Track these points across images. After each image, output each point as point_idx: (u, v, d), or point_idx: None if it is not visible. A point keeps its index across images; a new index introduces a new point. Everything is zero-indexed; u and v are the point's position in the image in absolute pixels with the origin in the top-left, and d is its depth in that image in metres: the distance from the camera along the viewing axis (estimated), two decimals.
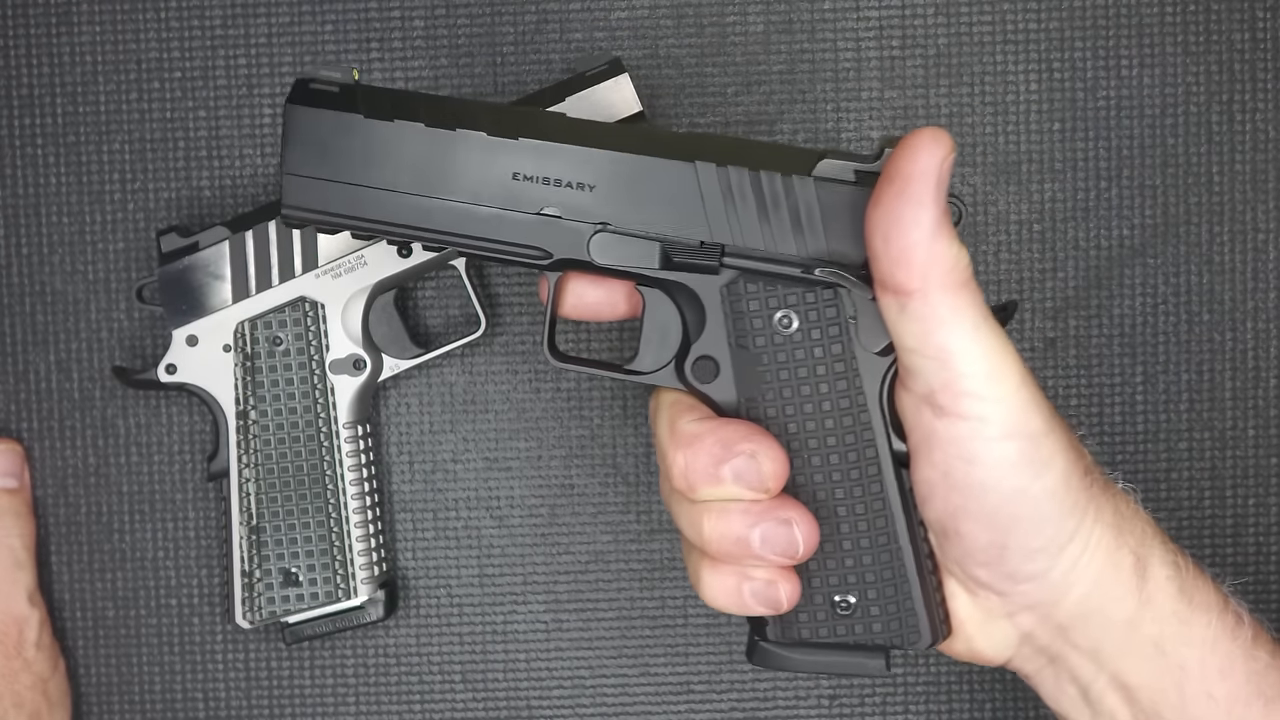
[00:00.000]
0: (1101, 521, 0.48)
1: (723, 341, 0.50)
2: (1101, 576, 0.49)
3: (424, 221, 0.50)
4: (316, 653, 0.66)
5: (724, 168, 0.49)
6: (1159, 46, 0.64)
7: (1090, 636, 0.49)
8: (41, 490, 0.66)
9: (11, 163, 0.65)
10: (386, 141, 0.50)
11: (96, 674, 0.66)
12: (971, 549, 0.49)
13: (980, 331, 0.46)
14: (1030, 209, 0.65)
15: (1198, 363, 0.65)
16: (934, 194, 0.44)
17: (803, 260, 0.49)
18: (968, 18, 0.64)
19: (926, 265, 0.45)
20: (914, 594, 0.50)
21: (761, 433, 0.49)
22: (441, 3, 0.65)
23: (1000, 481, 0.47)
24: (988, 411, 0.46)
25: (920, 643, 0.50)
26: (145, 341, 0.66)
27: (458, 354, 0.66)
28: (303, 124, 0.50)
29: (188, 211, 0.65)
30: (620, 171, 0.49)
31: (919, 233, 0.44)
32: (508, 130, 0.49)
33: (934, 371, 0.46)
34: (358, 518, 0.62)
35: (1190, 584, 0.49)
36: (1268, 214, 0.65)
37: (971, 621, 0.51)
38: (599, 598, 0.66)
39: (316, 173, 0.50)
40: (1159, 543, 0.50)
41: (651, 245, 0.49)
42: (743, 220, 0.49)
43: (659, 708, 0.66)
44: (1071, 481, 0.47)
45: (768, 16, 0.64)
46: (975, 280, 0.46)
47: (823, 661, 0.51)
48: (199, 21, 0.65)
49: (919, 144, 0.44)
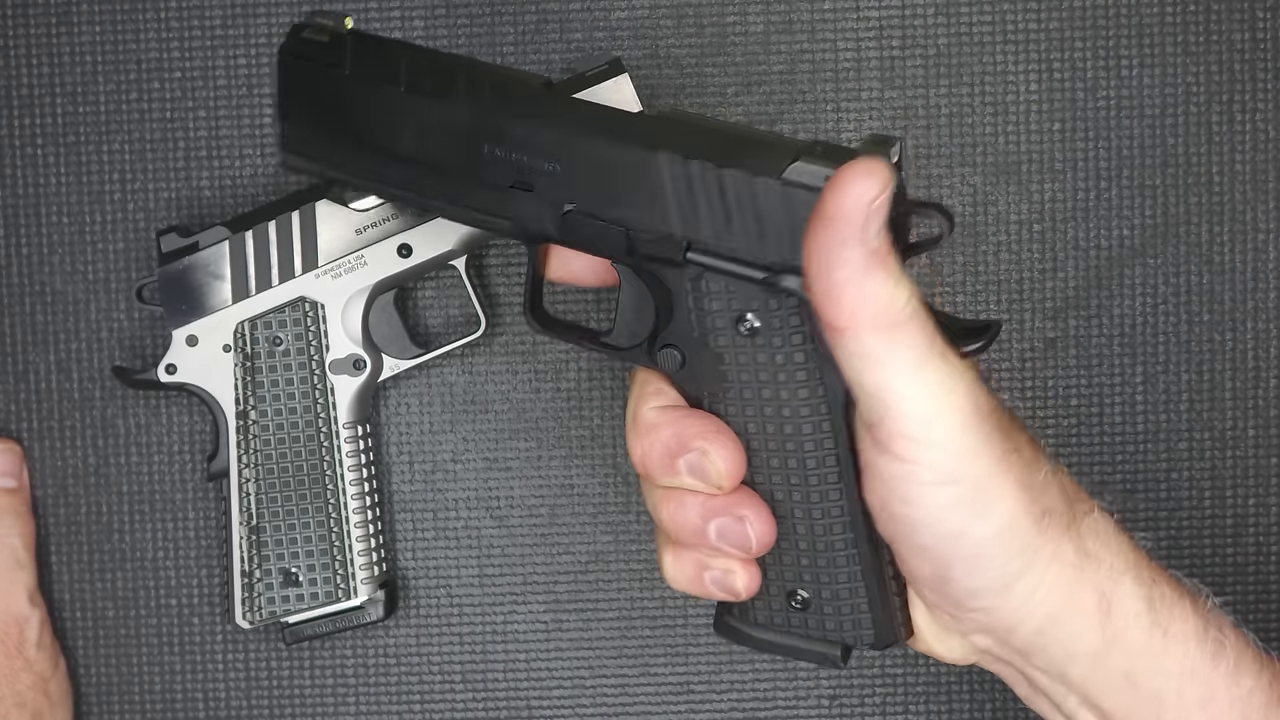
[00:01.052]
0: (1059, 561, 0.46)
1: (688, 334, 0.49)
2: (1059, 614, 0.47)
3: (405, 184, 0.51)
4: (316, 653, 0.66)
5: (689, 162, 0.47)
6: (1159, 46, 0.64)
7: (1053, 662, 0.48)
8: (41, 490, 0.66)
9: (11, 163, 0.65)
10: (369, 98, 0.50)
11: (96, 674, 0.66)
12: (915, 575, 0.48)
13: (923, 371, 0.43)
14: (1030, 209, 0.65)
15: (1198, 363, 0.65)
16: (860, 234, 0.42)
17: (765, 264, 0.47)
18: (968, 18, 0.64)
19: (855, 305, 0.42)
20: (869, 596, 0.49)
21: (718, 429, 0.48)
22: (441, 3, 0.65)
23: (934, 524, 0.45)
24: (922, 456, 0.44)
25: (873, 643, 0.50)
26: (145, 341, 0.66)
27: (458, 354, 0.66)
28: (291, 75, 0.51)
29: (188, 211, 0.65)
30: (587, 156, 0.48)
31: (846, 271, 0.42)
32: (483, 103, 0.49)
33: (871, 409, 0.44)
34: (358, 518, 0.62)
35: (1165, 615, 0.47)
36: (1268, 214, 0.65)
37: (929, 631, 0.50)
38: (599, 598, 0.66)
39: (305, 122, 0.51)
40: (1130, 578, 0.47)
41: (617, 231, 0.48)
42: (706, 218, 0.47)
43: (659, 708, 0.66)
44: (1018, 525, 0.45)
45: (768, 16, 0.64)
46: (921, 314, 0.43)
47: (780, 644, 0.51)
48: (199, 21, 0.65)
49: (848, 181, 0.42)
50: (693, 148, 0.47)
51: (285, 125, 0.51)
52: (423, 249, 0.61)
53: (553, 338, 0.53)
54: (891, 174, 0.42)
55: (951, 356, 0.44)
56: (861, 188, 0.41)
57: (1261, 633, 0.65)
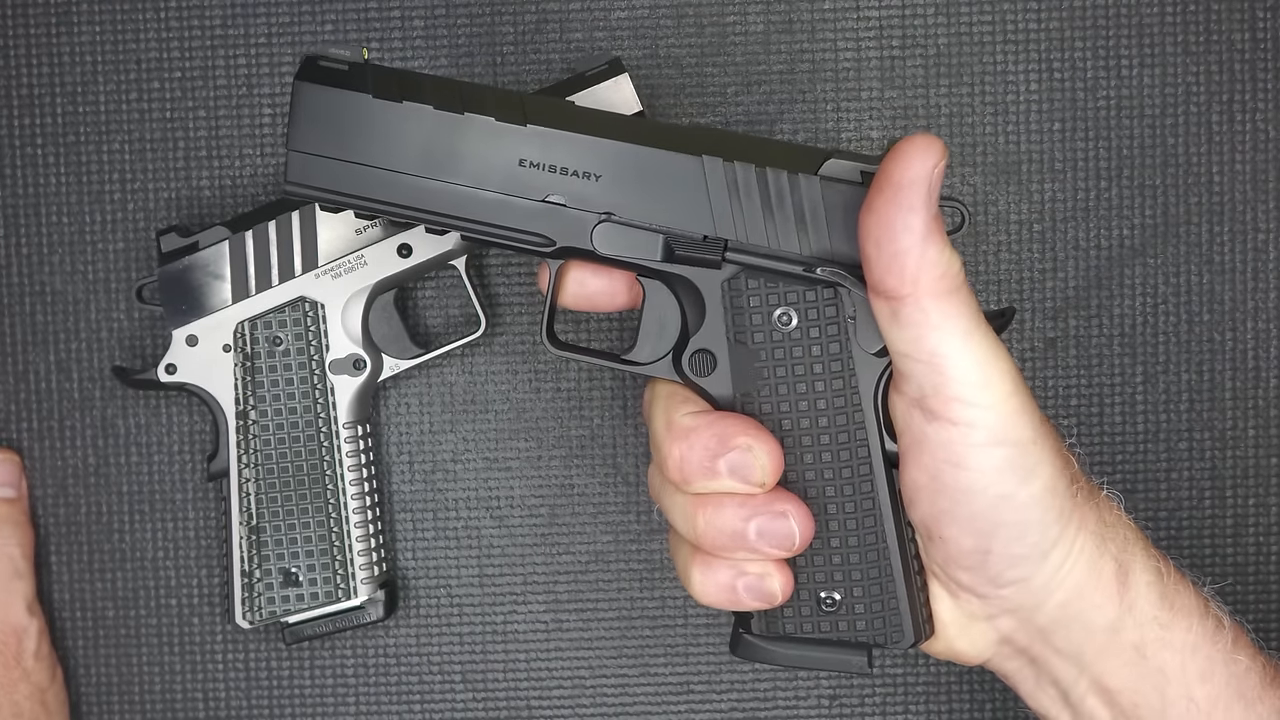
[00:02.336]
0: (1085, 529, 0.49)
1: (721, 336, 0.50)
2: (1083, 583, 0.49)
3: (428, 203, 0.50)
4: (316, 653, 0.66)
5: (730, 163, 0.49)
6: (1159, 46, 0.64)
7: (1071, 640, 0.50)
8: (41, 491, 0.66)
9: (11, 163, 0.65)
10: (393, 122, 0.50)
11: (96, 675, 0.66)
12: (955, 553, 0.49)
13: (972, 338, 0.46)
14: (1030, 209, 0.65)
15: (1198, 363, 0.65)
16: (924, 200, 0.45)
17: (805, 259, 0.49)
18: (968, 18, 0.64)
19: (917, 271, 0.45)
20: (899, 593, 0.50)
21: (757, 427, 0.49)
22: (441, 3, 0.65)
23: (986, 487, 0.47)
24: (976, 418, 0.46)
25: (903, 642, 0.51)
26: (145, 341, 0.66)
27: (458, 354, 0.66)
28: (310, 101, 0.50)
29: (188, 211, 0.65)
30: (627, 162, 0.49)
31: (909, 239, 0.45)
32: (516, 116, 0.50)
33: (925, 376, 0.47)
34: (358, 518, 0.62)
35: (1171, 590, 0.50)
36: (1268, 214, 0.65)
37: (953, 623, 0.51)
38: (599, 598, 0.66)
39: (321, 150, 0.50)
40: (1141, 549, 0.50)
41: (655, 237, 0.50)
42: (747, 216, 0.49)
43: (659, 708, 0.66)
44: (1057, 489, 0.48)
45: (768, 16, 0.64)
46: (969, 286, 0.46)
47: (805, 656, 0.52)
48: (199, 21, 0.65)
49: (910, 151, 0.45)
50: (732, 151, 0.49)
51: (295, 154, 0.50)
52: (423, 249, 0.61)
53: (572, 358, 0.54)
54: (946, 146, 0.45)
55: (990, 329, 0.47)
56: (924, 155, 0.44)
57: (1261, 633, 0.66)
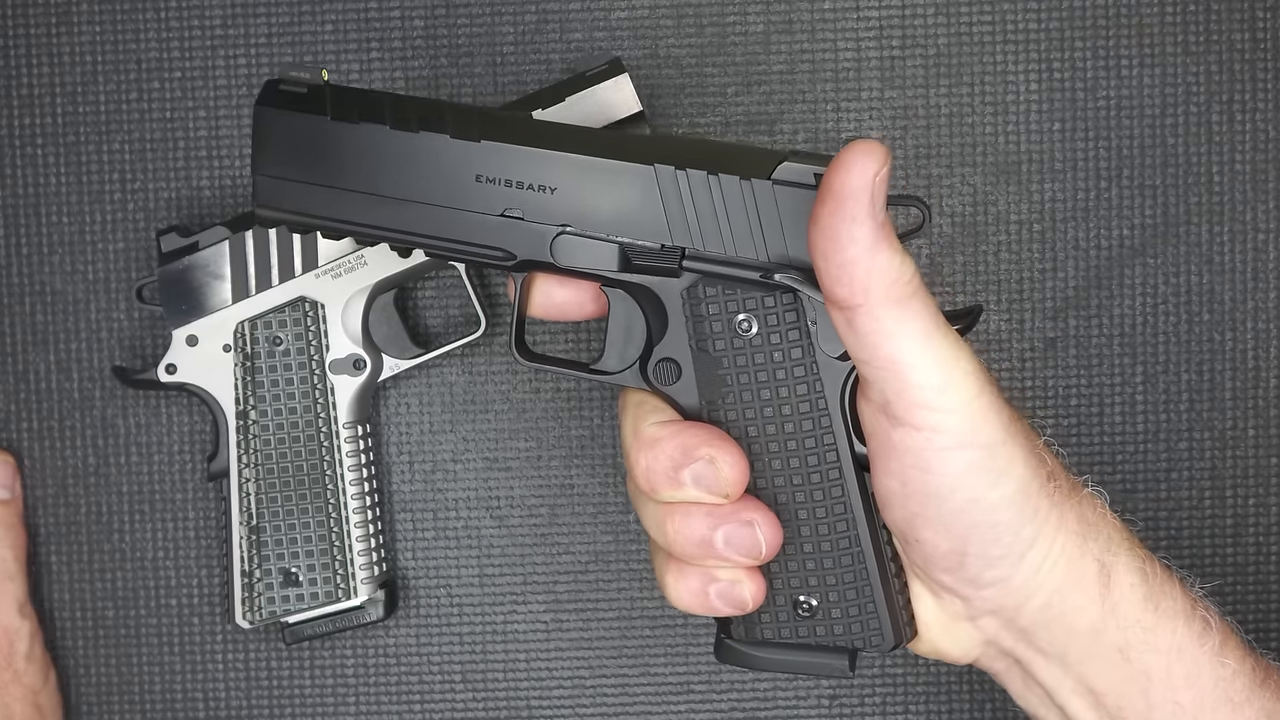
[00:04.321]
0: (1065, 529, 0.48)
1: (684, 344, 0.50)
2: (1064, 584, 0.48)
3: (390, 222, 0.50)
4: (316, 653, 0.66)
5: (682, 170, 0.49)
6: (1159, 46, 0.64)
7: (1055, 642, 0.49)
8: (41, 491, 0.66)
9: (11, 163, 0.65)
10: (352, 143, 0.50)
11: (96, 674, 0.66)
12: (932, 555, 0.49)
13: (931, 341, 0.46)
14: (1030, 209, 0.65)
15: (1198, 363, 0.65)
16: (868, 209, 0.44)
17: (762, 264, 0.49)
18: (968, 18, 0.64)
19: (867, 280, 0.45)
20: (876, 596, 0.50)
21: (722, 437, 0.49)
22: (441, 3, 0.65)
23: (955, 490, 0.47)
24: (940, 422, 0.46)
25: (883, 644, 0.50)
26: (145, 341, 0.66)
27: (458, 354, 0.66)
28: (270, 125, 0.51)
29: (188, 211, 0.65)
30: (580, 174, 0.49)
31: (855, 249, 0.44)
32: (471, 133, 0.50)
33: (886, 383, 0.46)
34: (358, 518, 0.62)
35: (1157, 591, 0.49)
36: (1268, 214, 0.65)
37: (936, 624, 0.51)
38: (599, 598, 0.66)
39: (285, 173, 0.51)
40: (1125, 549, 0.49)
41: (611, 247, 0.50)
42: (702, 223, 0.49)
43: (659, 708, 0.66)
44: (1030, 489, 0.47)
45: (768, 16, 0.64)
46: (924, 290, 0.46)
47: (787, 660, 0.52)
48: (199, 21, 0.65)
49: (850, 160, 0.44)
50: (684, 159, 0.49)
51: (260, 179, 0.51)
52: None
53: (541, 370, 0.54)
54: (888, 151, 0.44)
55: (951, 330, 0.46)
56: (865, 163, 0.44)
57: (1262, 632, 0.66)
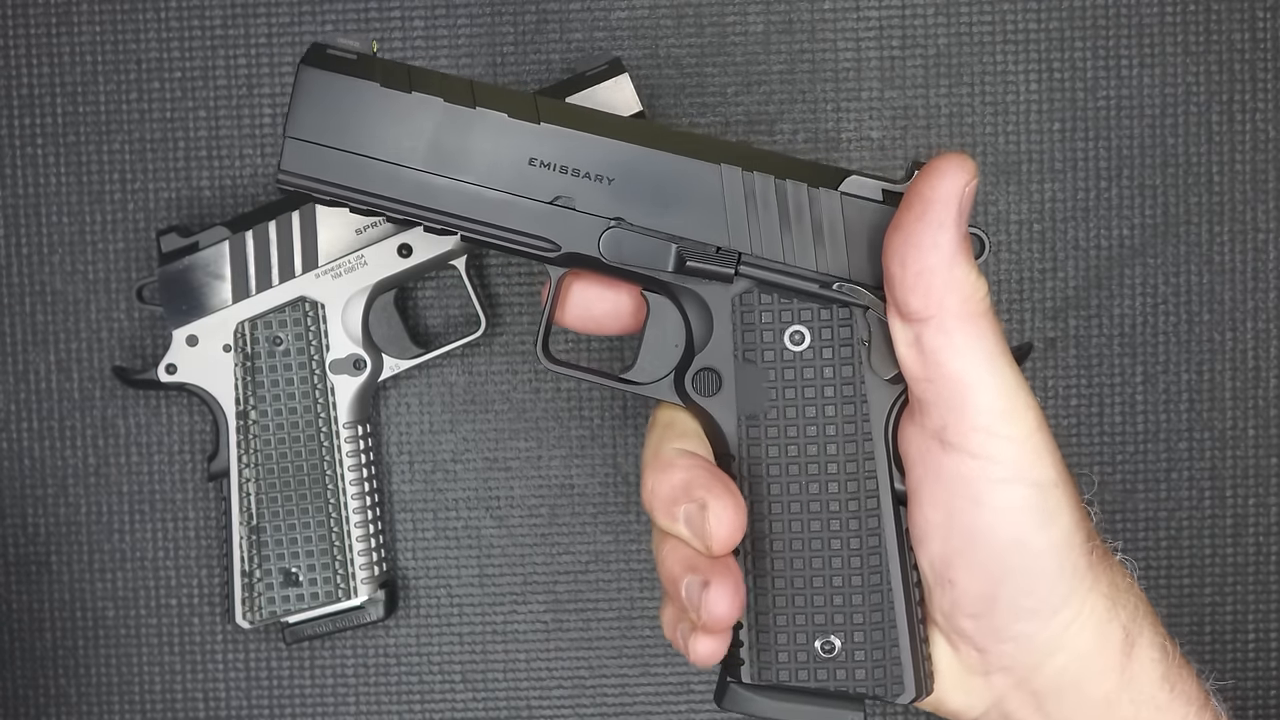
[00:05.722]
0: (1097, 590, 0.47)
1: (728, 354, 0.48)
2: (1088, 648, 0.47)
3: (430, 201, 0.48)
4: (316, 653, 0.66)
5: (750, 173, 0.47)
6: (1159, 46, 0.64)
7: (1064, 709, 0.48)
8: (41, 491, 0.66)
9: (11, 163, 0.65)
10: (400, 114, 0.47)
11: (96, 674, 0.66)
12: (961, 599, 0.47)
13: (996, 364, 0.44)
14: (1030, 209, 0.65)
15: (1198, 363, 0.65)
16: (955, 219, 0.43)
17: (821, 276, 0.47)
18: (968, 18, 0.64)
19: (944, 291, 0.44)
20: (901, 642, 0.48)
21: (727, 489, 0.46)
22: (441, 3, 0.65)
23: (1003, 528, 0.45)
24: (998, 451, 0.44)
25: (903, 695, 0.48)
26: (145, 341, 0.66)
27: (458, 354, 0.66)
28: (313, 86, 0.47)
29: (188, 211, 0.65)
30: (642, 167, 0.47)
31: (937, 257, 0.43)
32: (529, 114, 0.47)
33: (946, 403, 0.45)
34: (358, 518, 0.62)
35: (1174, 672, 0.48)
36: (1268, 214, 0.65)
37: (949, 675, 0.49)
38: (599, 598, 0.66)
39: (321, 139, 0.47)
40: (1150, 623, 0.48)
41: (666, 246, 0.48)
42: (764, 229, 0.47)
43: (659, 708, 0.66)
44: (1074, 543, 0.46)
45: (768, 16, 0.64)
46: (995, 313, 0.45)
47: (795, 710, 0.49)
48: (199, 21, 0.65)
49: (943, 169, 0.44)
50: (751, 162, 0.48)
51: (292, 141, 0.47)
52: (423, 249, 0.61)
53: (567, 374, 0.51)
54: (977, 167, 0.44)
55: (1014, 360, 0.45)
56: (957, 173, 0.44)
57: (1262, 634, 0.66)
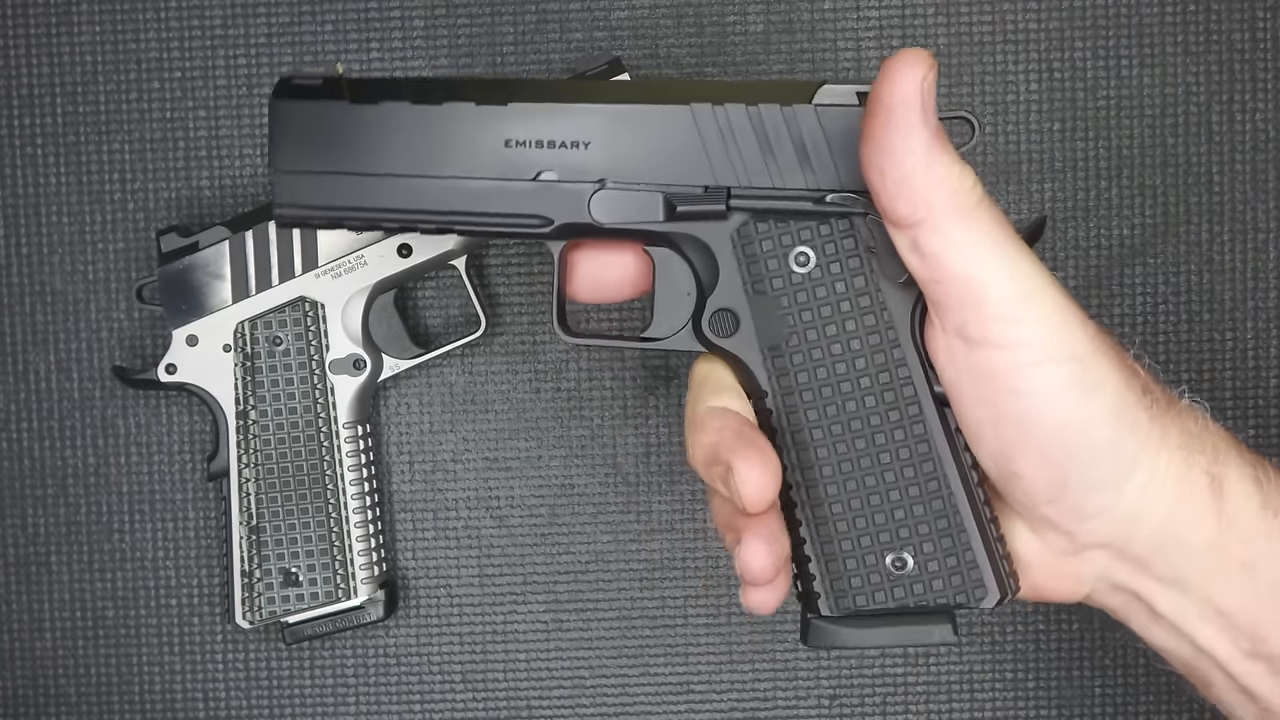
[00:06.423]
0: (1167, 444, 0.45)
1: (739, 290, 0.48)
2: (1175, 503, 0.45)
3: (421, 203, 0.49)
4: (316, 653, 0.66)
5: (720, 106, 0.47)
6: (1159, 46, 0.64)
7: (1172, 566, 0.46)
8: (41, 491, 0.66)
9: (11, 163, 0.65)
10: (374, 125, 0.49)
11: (96, 674, 0.66)
12: (1032, 488, 0.45)
13: (1004, 251, 0.43)
14: (1030, 209, 0.65)
15: (1198, 363, 0.65)
16: (920, 117, 0.42)
17: (813, 192, 0.47)
18: (968, 18, 0.64)
19: (928, 191, 0.42)
20: (974, 545, 0.47)
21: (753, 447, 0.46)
22: (441, 3, 0.65)
23: (1049, 411, 0.44)
24: (1024, 335, 0.43)
25: (988, 599, 0.47)
26: (145, 341, 0.66)
27: (458, 354, 0.66)
28: (288, 117, 0.49)
29: (188, 211, 0.65)
30: (614, 124, 0.48)
31: (912, 159, 0.42)
32: (496, 97, 0.48)
33: (960, 301, 0.43)
34: (358, 518, 0.62)
35: (1275, 496, 0.46)
36: (1268, 214, 0.65)
37: (1040, 564, 0.47)
38: (599, 598, 0.66)
39: (307, 166, 0.49)
40: (1234, 458, 0.46)
41: (654, 196, 0.48)
42: (746, 158, 0.47)
43: (659, 708, 0.66)
44: (1126, 403, 0.44)
45: (768, 16, 0.64)
46: (990, 198, 0.43)
47: (883, 634, 0.48)
48: (199, 21, 0.65)
49: (896, 68, 0.42)
50: (720, 96, 0.48)
51: (279, 176, 0.49)
52: (423, 249, 0.61)
53: (588, 344, 0.52)
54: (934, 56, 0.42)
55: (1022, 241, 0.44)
56: (911, 70, 0.42)
57: None
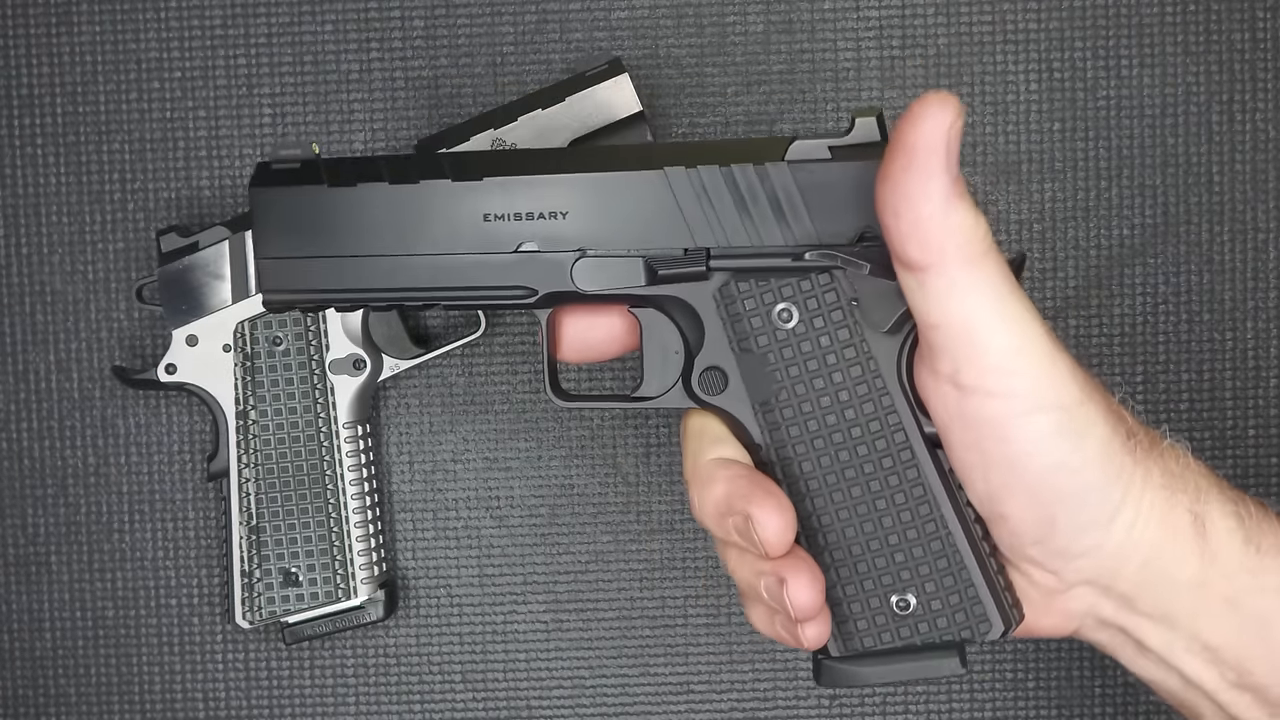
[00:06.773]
0: (1151, 484, 0.46)
1: (725, 348, 0.49)
2: (1159, 541, 0.46)
3: (404, 281, 0.50)
4: (316, 653, 0.66)
5: (693, 169, 0.48)
6: (1159, 46, 0.64)
7: (1158, 602, 0.47)
8: (41, 491, 0.66)
9: (11, 163, 0.65)
10: (353, 207, 0.49)
11: (96, 674, 0.66)
12: (1019, 529, 0.46)
13: (1005, 303, 0.44)
14: (1030, 209, 0.65)
15: (1198, 363, 0.65)
16: (943, 163, 0.42)
17: (791, 248, 0.47)
18: (968, 18, 0.64)
19: (942, 238, 0.43)
20: (975, 580, 0.48)
21: (766, 492, 0.47)
22: (441, 3, 0.65)
23: (1036, 456, 0.45)
24: (1015, 385, 0.44)
25: (992, 632, 0.48)
26: (145, 341, 0.66)
27: (458, 354, 0.66)
28: (268, 205, 0.50)
29: (188, 211, 0.65)
30: (590, 193, 0.48)
31: (930, 206, 0.42)
32: (471, 173, 0.49)
33: (957, 347, 0.44)
34: (358, 518, 0.62)
35: (1256, 531, 0.47)
36: (1268, 214, 0.65)
37: (1029, 602, 0.49)
38: (599, 598, 0.66)
39: (290, 251, 0.50)
40: (1215, 495, 0.47)
41: (635, 262, 0.48)
42: (723, 219, 0.48)
43: (659, 708, 0.66)
44: (1113, 448, 0.45)
45: (768, 16, 0.64)
46: (997, 249, 0.44)
47: (895, 670, 0.49)
48: (199, 21, 0.65)
49: (923, 111, 0.42)
50: (692, 158, 0.48)
51: (264, 263, 0.50)
52: None
53: (581, 409, 0.52)
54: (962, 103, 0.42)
55: (1022, 291, 0.44)
56: (939, 115, 0.42)
57: None
